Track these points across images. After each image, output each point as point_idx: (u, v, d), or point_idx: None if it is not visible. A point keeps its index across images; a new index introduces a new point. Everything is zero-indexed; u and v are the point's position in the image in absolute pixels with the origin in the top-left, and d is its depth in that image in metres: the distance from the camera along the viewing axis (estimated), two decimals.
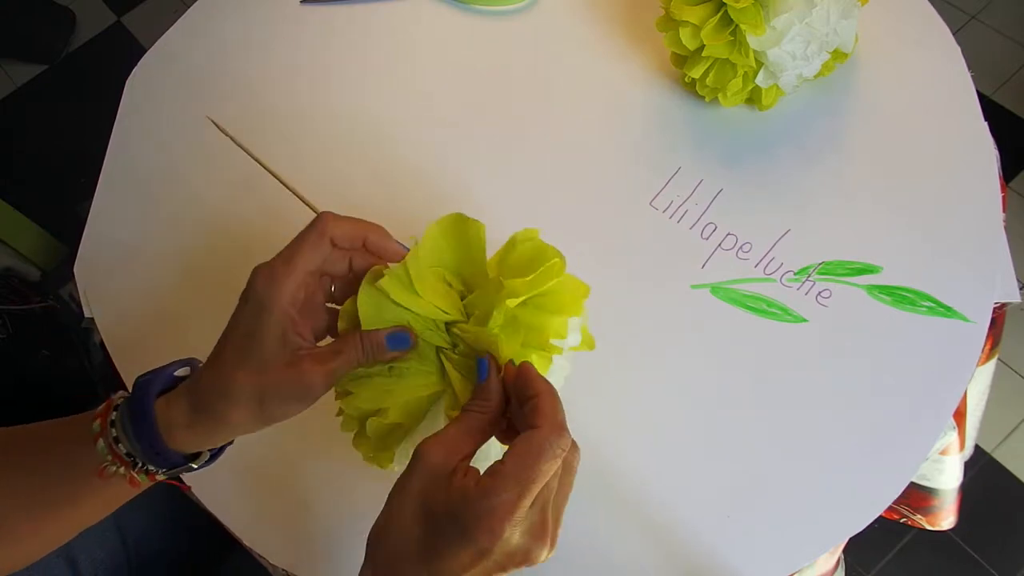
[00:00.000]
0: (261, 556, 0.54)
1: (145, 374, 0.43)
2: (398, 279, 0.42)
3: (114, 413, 0.42)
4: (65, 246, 1.37)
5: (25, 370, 1.11)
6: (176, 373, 0.44)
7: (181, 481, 0.56)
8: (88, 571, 0.64)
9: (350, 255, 0.44)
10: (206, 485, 0.56)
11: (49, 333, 1.21)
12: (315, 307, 0.44)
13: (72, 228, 0.71)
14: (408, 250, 0.44)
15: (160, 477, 0.43)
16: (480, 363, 0.41)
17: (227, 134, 0.55)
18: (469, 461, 0.39)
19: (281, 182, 0.50)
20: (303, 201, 0.50)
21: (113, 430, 0.42)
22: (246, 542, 0.54)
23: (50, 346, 1.20)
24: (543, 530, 0.37)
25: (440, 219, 0.44)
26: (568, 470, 0.39)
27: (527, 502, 0.36)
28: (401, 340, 0.42)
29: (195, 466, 0.44)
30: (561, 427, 0.38)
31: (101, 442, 0.42)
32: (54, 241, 1.36)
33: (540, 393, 0.39)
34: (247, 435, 0.43)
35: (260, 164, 0.54)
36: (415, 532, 0.37)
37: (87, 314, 0.64)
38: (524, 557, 0.37)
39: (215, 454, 0.45)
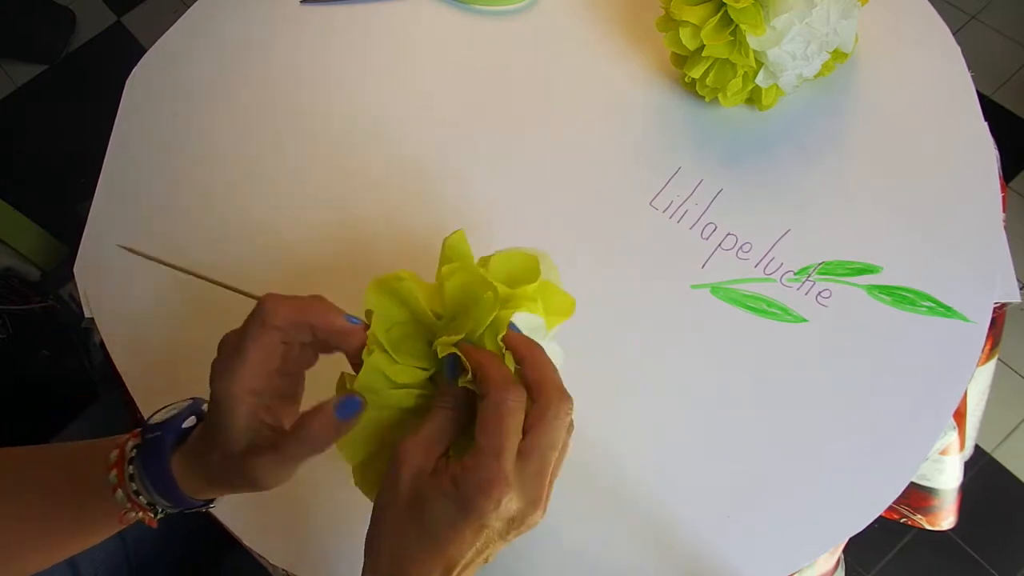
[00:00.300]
0: (261, 556, 0.54)
1: (154, 425, 0.43)
2: (375, 368, 0.41)
3: (130, 467, 0.42)
4: (65, 246, 1.37)
5: (25, 370, 1.11)
6: (184, 426, 0.44)
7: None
8: (88, 571, 0.64)
9: (300, 345, 0.42)
10: None
11: (49, 333, 1.21)
12: (286, 386, 0.43)
13: (72, 228, 0.71)
14: (357, 322, 0.42)
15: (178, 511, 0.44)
16: (448, 360, 0.41)
17: (142, 255, 0.50)
18: (446, 456, 0.39)
19: (213, 281, 0.46)
20: (242, 293, 0.45)
21: (132, 484, 0.42)
22: (246, 542, 0.54)
23: (50, 346, 1.20)
24: (538, 497, 0.38)
25: (368, 288, 0.42)
26: (547, 425, 0.38)
27: (509, 465, 0.37)
28: (350, 406, 0.40)
29: (213, 506, 0.46)
30: (505, 384, 0.38)
31: (120, 492, 0.42)
32: (54, 241, 1.36)
33: (480, 363, 0.39)
34: None
35: (186, 272, 0.48)
36: (413, 531, 0.38)
37: (87, 314, 0.64)
38: (521, 521, 0.38)
39: None
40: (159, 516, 0.44)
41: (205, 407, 0.44)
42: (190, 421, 0.44)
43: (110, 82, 0.77)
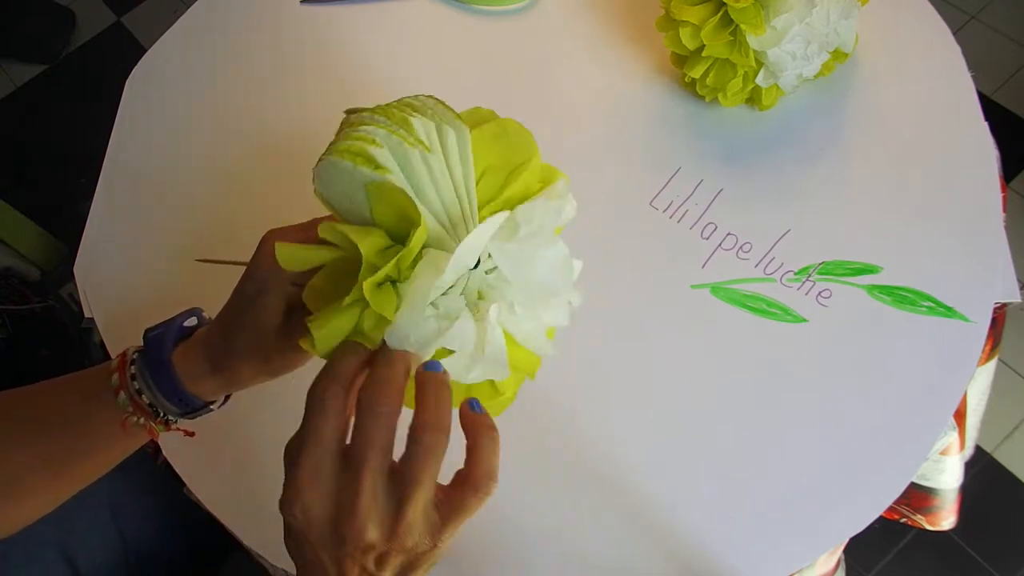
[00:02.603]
0: (261, 556, 0.54)
1: (154, 328, 0.45)
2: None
3: (132, 367, 0.44)
4: (65, 246, 1.37)
5: (25, 370, 1.11)
6: (185, 324, 0.45)
7: (156, 449, 0.56)
8: (88, 571, 0.64)
9: None
10: (206, 485, 0.56)
11: (49, 333, 1.21)
12: None
13: (72, 228, 0.71)
14: None
15: (175, 425, 0.45)
16: None
17: (220, 262, 0.50)
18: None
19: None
20: None
21: (135, 383, 0.43)
22: (246, 542, 0.54)
23: (50, 346, 1.20)
24: (349, 506, 0.34)
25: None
26: (365, 435, 0.34)
27: (304, 467, 0.34)
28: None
29: (213, 408, 0.46)
30: (320, 378, 0.35)
31: (123, 394, 0.43)
32: (54, 241, 1.36)
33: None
34: (247, 433, 0.44)
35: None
36: (325, 566, 0.36)
37: (87, 314, 0.64)
38: (340, 532, 0.34)
39: (227, 396, 0.47)
40: (158, 426, 0.44)
41: (205, 315, 0.46)
42: (191, 321, 0.46)
43: (110, 82, 0.77)
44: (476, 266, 0.37)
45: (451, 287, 0.37)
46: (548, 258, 0.39)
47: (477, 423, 0.37)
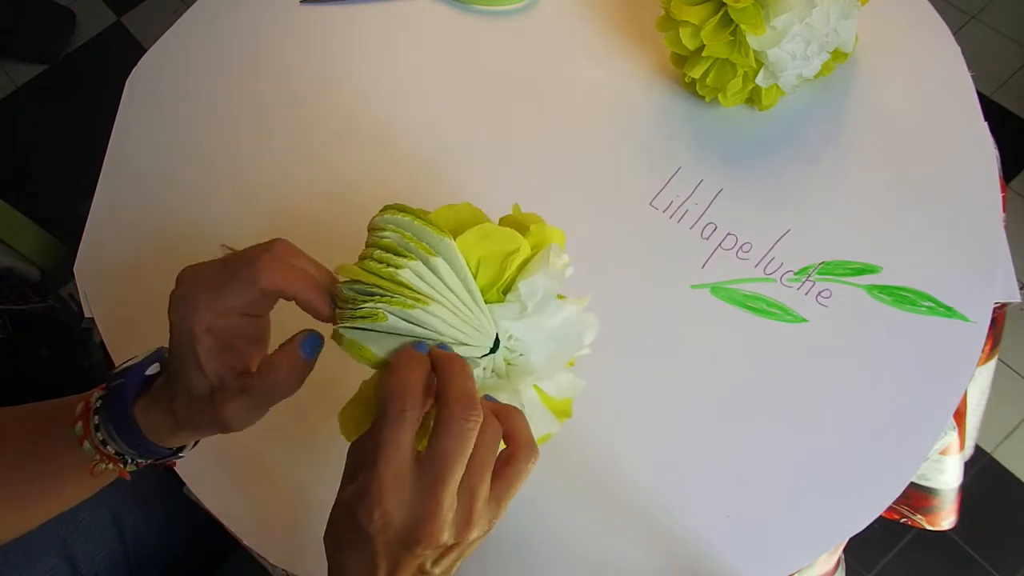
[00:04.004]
0: (261, 556, 0.54)
1: (116, 374, 0.43)
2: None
3: (95, 417, 0.42)
4: (65, 246, 1.37)
5: (25, 370, 1.11)
6: (147, 373, 0.43)
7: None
8: (88, 570, 0.64)
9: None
10: (206, 485, 0.56)
11: (49, 333, 1.21)
12: (244, 337, 0.41)
13: (72, 228, 0.71)
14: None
15: (149, 462, 0.44)
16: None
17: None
18: None
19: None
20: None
21: (99, 434, 0.42)
22: (246, 542, 0.54)
23: (50, 346, 1.20)
24: (428, 511, 0.36)
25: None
26: (441, 433, 0.37)
27: (385, 477, 0.36)
28: (313, 343, 0.40)
29: (183, 455, 0.45)
30: (395, 391, 0.37)
31: (87, 444, 0.42)
32: (54, 241, 1.36)
33: (390, 366, 0.38)
34: (247, 433, 0.44)
35: None
36: (333, 552, 0.39)
37: (87, 314, 0.64)
38: (416, 536, 0.36)
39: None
40: (129, 467, 0.43)
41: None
42: (154, 368, 0.43)
43: (110, 82, 0.77)
44: (496, 347, 0.42)
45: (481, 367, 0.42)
46: (559, 322, 0.43)
47: (501, 409, 0.41)
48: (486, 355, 0.42)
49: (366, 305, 0.39)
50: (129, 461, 0.43)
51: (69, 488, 0.46)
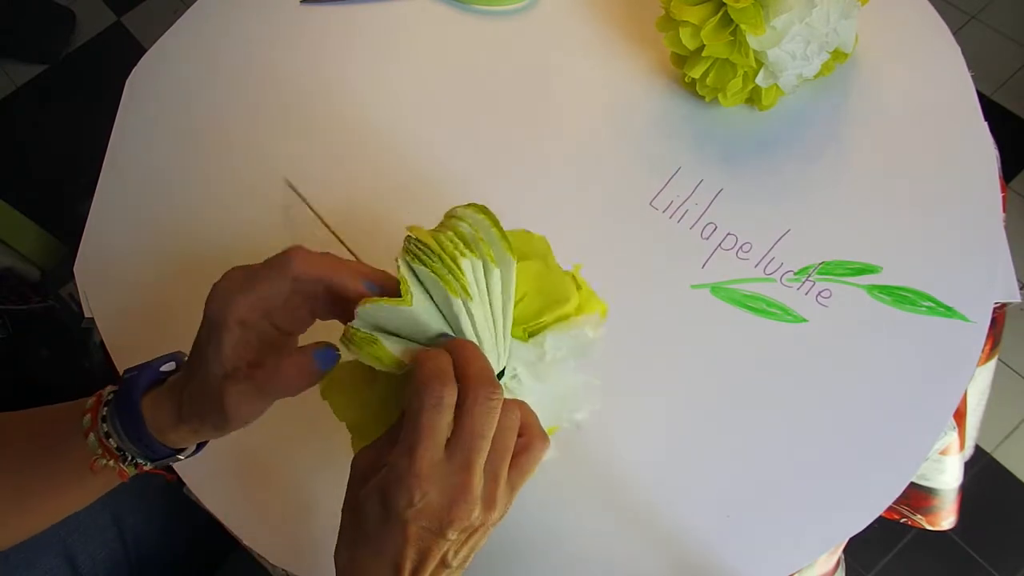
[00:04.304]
0: (261, 556, 0.54)
1: (132, 369, 0.44)
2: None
3: (104, 409, 0.43)
4: (65, 246, 1.37)
5: (25, 370, 1.11)
6: (162, 368, 0.44)
7: (170, 470, 0.56)
8: (88, 570, 0.64)
9: (310, 302, 0.42)
10: (206, 485, 0.56)
11: (49, 333, 1.21)
12: (269, 343, 0.42)
13: (72, 228, 0.71)
14: (375, 289, 0.41)
15: (147, 468, 0.44)
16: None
17: (301, 197, 0.60)
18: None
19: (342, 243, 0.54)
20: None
21: (104, 425, 0.42)
22: (246, 542, 0.54)
23: (50, 346, 1.20)
24: (462, 490, 0.37)
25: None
26: (467, 415, 0.37)
27: (422, 460, 0.36)
28: (329, 357, 0.40)
29: (181, 457, 0.45)
30: (431, 378, 0.37)
31: (92, 437, 0.42)
32: (54, 241, 1.36)
33: (417, 356, 0.39)
34: (247, 434, 0.44)
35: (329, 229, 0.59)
36: (357, 538, 0.39)
37: (87, 314, 0.64)
38: (449, 517, 0.37)
39: (201, 445, 0.46)
40: (128, 467, 0.43)
41: (186, 356, 0.45)
42: (169, 366, 0.44)
43: (110, 82, 0.77)
44: (501, 376, 0.42)
45: None
46: (564, 386, 0.44)
47: (510, 401, 0.41)
48: None
49: (418, 267, 0.39)
50: (129, 459, 0.43)
51: (70, 492, 0.46)
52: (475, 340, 0.41)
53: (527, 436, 0.41)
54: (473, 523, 0.37)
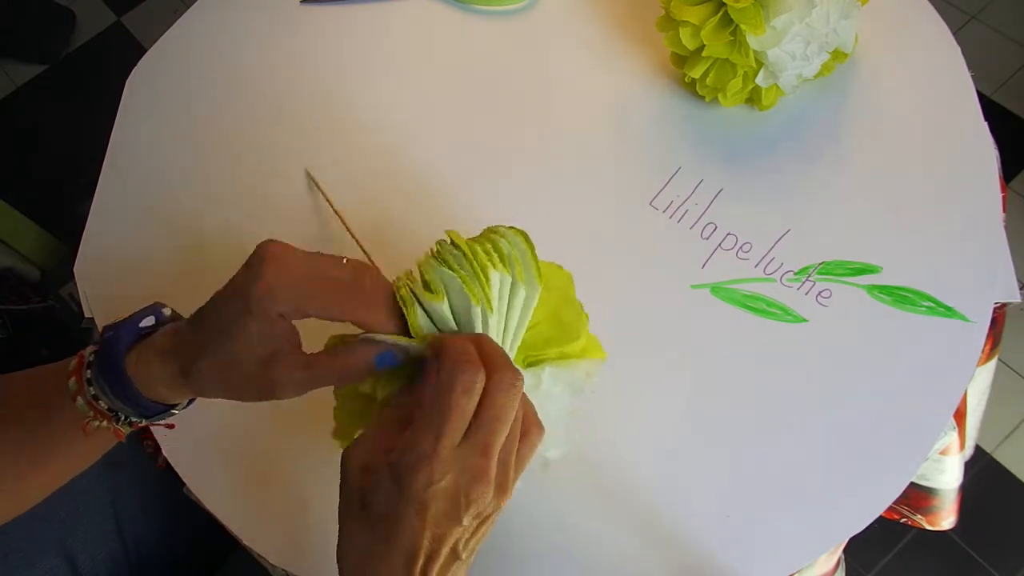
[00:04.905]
0: (261, 556, 0.54)
1: (109, 327, 0.43)
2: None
3: (88, 371, 0.42)
4: (65, 246, 1.37)
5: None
6: (142, 324, 0.43)
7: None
8: (88, 570, 0.64)
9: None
10: (206, 485, 0.56)
11: (49, 333, 1.21)
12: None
13: (72, 228, 0.71)
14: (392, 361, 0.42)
15: (144, 424, 0.44)
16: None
17: (321, 190, 0.62)
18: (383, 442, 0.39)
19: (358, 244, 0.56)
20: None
21: (91, 388, 0.42)
22: (246, 542, 0.54)
23: (50, 346, 1.20)
24: (481, 471, 0.37)
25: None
26: (489, 398, 0.37)
27: (446, 441, 0.36)
28: (389, 358, 0.40)
29: (176, 411, 0.44)
30: (465, 362, 0.37)
31: (80, 400, 0.42)
32: (54, 241, 1.36)
33: (442, 340, 0.39)
34: (247, 433, 0.44)
35: (343, 223, 0.60)
36: (364, 529, 0.38)
37: (87, 314, 0.64)
38: (467, 498, 0.37)
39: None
40: (123, 426, 0.43)
41: (166, 311, 0.44)
42: (148, 320, 0.43)
43: (110, 82, 0.77)
44: None
45: None
46: (549, 419, 0.44)
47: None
48: None
49: (443, 271, 0.40)
50: (122, 419, 0.42)
51: (70, 453, 0.45)
52: None
53: (526, 424, 0.41)
54: (486, 508, 0.37)
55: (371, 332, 0.40)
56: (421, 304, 0.40)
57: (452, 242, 0.42)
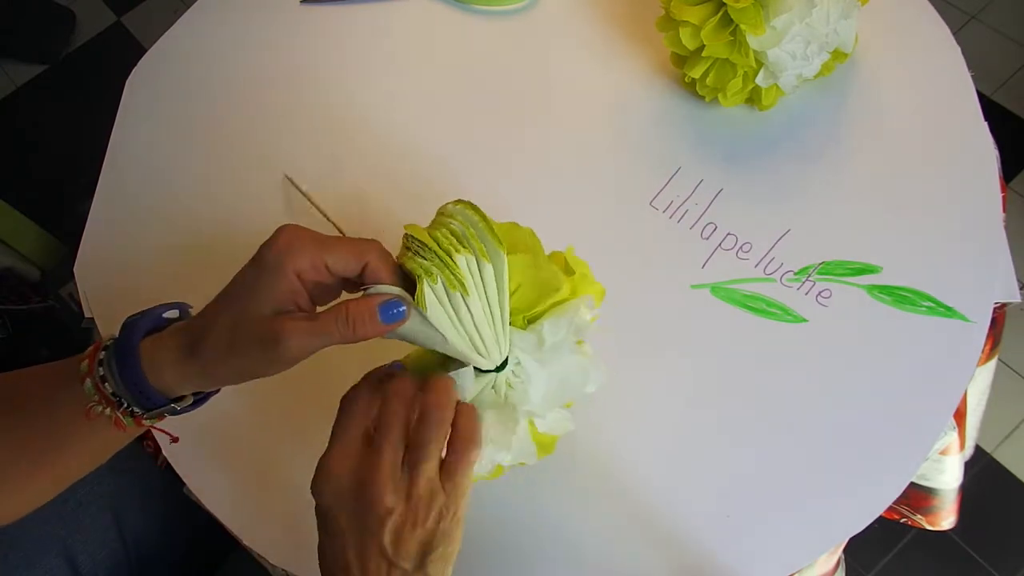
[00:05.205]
0: (261, 556, 0.54)
1: (134, 315, 0.44)
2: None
3: (102, 353, 0.42)
4: (65, 246, 1.37)
5: None
6: (165, 315, 0.44)
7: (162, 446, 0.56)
8: (88, 570, 0.64)
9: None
10: (206, 485, 0.56)
11: (49, 333, 1.21)
12: (325, 290, 0.44)
13: (72, 228, 0.71)
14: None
15: (146, 422, 0.43)
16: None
17: (302, 191, 0.63)
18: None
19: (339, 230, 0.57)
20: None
21: (101, 369, 0.42)
22: (246, 542, 0.54)
23: (50, 346, 1.20)
24: (372, 467, 0.40)
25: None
26: (419, 423, 0.41)
27: (335, 450, 0.41)
28: (394, 311, 0.41)
29: (178, 408, 0.44)
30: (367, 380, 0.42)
31: (88, 381, 0.42)
32: (54, 241, 1.36)
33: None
34: (247, 434, 0.44)
35: (330, 220, 0.61)
36: (326, 539, 0.41)
37: (87, 314, 0.64)
38: (363, 501, 0.40)
39: (199, 400, 0.45)
40: (126, 417, 0.42)
41: (192, 310, 0.45)
42: (172, 313, 0.45)
43: (110, 82, 0.77)
44: (504, 367, 0.44)
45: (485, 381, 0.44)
46: (567, 366, 0.46)
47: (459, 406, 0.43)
48: (490, 371, 0.43)
49: (419, 261, 0.41)
50: (125, 406, 0.42)
51: (72, 451, 0.45)
52: (473, 337, 0.42)
53: (454, 434, 0.42)
54: (388, 507, 0.39)
55: (373, 281, 0.41)
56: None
57: (414, 237, 0.42)
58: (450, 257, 0.41)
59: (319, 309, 0.42)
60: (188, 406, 0.44)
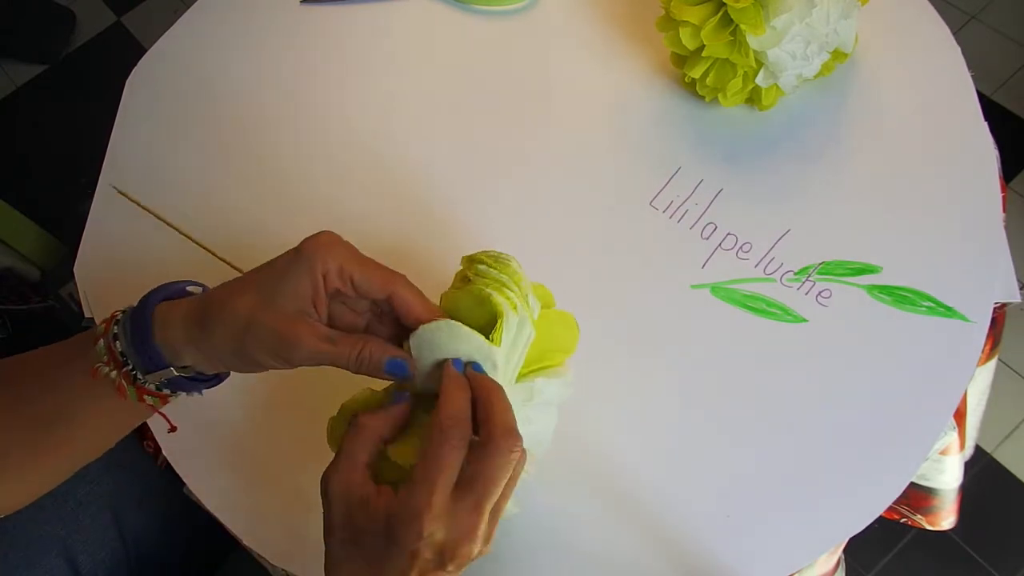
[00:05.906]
0: (261, 556, 0.54)
1: (160, 285, 0.45)
2: None
3: (120, 315, 0.43)
4: (65, 246, 1.37)
5: None
6: (188, 288, 0.45)
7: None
8: (88, 571, 0.64)
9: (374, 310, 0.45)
10: (206, 485, 0.56)
11: (49, 333, 1.21)
12: (340, 308, 0.44)
13: (72, 228, 0.71)
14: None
15: (149, 400, 0.44)
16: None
17: (134, 200, 0.62)
18: (368, 473, 0.41)
19: (198, 244, 0.57)
20: (228, 263, 0.55)
21: (116, 328, 0.43)
22: (246, 542, 0.54)
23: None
24: (471, 529, 0.39)
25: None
26: (488, 462, 0.39)
27: (439, 498, 0.38)
28: (399, 367, 0.42)
29: (176, 372, 0.43)
30: (454, 420, 0.39)
31: (101, 342, 0.43)
32: (54, 241, 1.36)
33: (445, 389, 0.41)
34: (247, 433, 0.44)
35: (174, 227, 0.61)
36: (356, 557, 0.40)
37: (87, 314, 0.64)
38: (453, 553, 0.39)
39: (205, 380, 0.45)
40: (125, 374, 0.42)
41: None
42: (195, 288, 0.45)
43: (110, 82, 0.77)
44: None
45: None
46: (542, 423, 0.48)
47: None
48: None
49: (509, 291, 0.43)
50: (130, 367, 0.42)
51: (77, 424, 0.45)
52: (492, 370, 0.43)
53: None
54: (473, 559, 0.40)
55: (405, 313, 0.42)
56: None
57: (480, 261, 0.45)
58: (520, 286, 0.43)
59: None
60: (194, 387, 0.45)
